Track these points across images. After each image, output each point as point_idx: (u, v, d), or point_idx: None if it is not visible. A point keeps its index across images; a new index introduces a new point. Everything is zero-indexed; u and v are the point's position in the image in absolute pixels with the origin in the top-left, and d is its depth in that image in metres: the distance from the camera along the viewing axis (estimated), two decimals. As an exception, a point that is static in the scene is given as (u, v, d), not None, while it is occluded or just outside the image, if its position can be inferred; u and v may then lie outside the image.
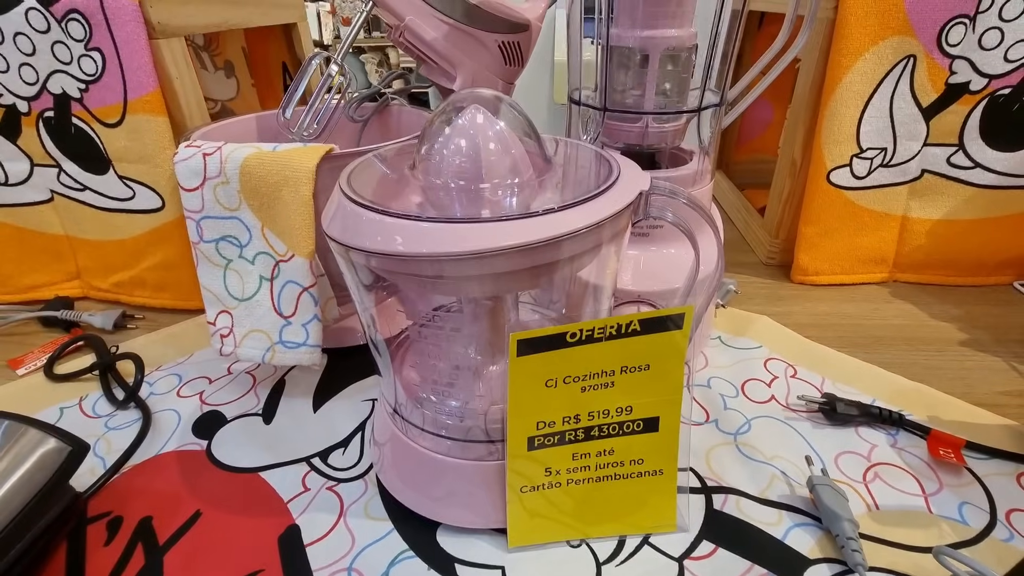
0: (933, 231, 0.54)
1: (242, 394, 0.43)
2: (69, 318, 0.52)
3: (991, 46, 0.46)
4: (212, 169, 0.37)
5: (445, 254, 0.23)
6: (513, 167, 0.27)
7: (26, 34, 0.45)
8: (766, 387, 0.42)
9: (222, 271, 0.39)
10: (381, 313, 0.32)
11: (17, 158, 0.51)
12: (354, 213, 0.25)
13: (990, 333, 0.48)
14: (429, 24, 0.44)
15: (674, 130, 0.41)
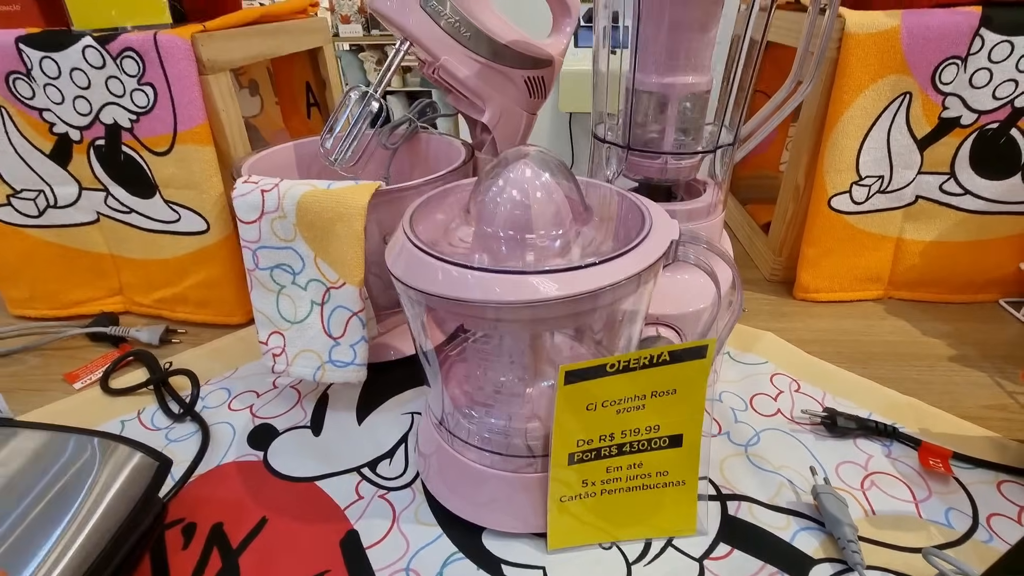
0: (926, 252, 0.58)
1: (289, 408, 0.46)
2: (117, 333, 0.55)
3: (981, 85, 0.50)
4: (270, 204, 0.40)
5: (497, 302, 0.26)
6: (557, 219, 0.30)
7: (82, 69, 0.48)
8: (772, 401, 0.46)
9: (275, 296, 0.43)
10: (432, 327, 0.36)
11: (66, 182, 0.54)
12: (417, 257, 0.29)
13: (977, 349, 0.52)
14: (462, 63, 0.47)
15: (690, 166, 0.45)
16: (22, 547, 0.27)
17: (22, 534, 0.27)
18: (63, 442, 0.32)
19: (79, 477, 0.30)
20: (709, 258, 0.30)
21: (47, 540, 0.27)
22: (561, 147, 1.67)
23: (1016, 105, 0.51)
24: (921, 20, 0.48)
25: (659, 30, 0.39)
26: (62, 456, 0.31)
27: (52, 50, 0.47)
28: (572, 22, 0.53)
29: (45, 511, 0.28)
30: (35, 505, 0.29)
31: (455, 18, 0.46)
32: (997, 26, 0.48)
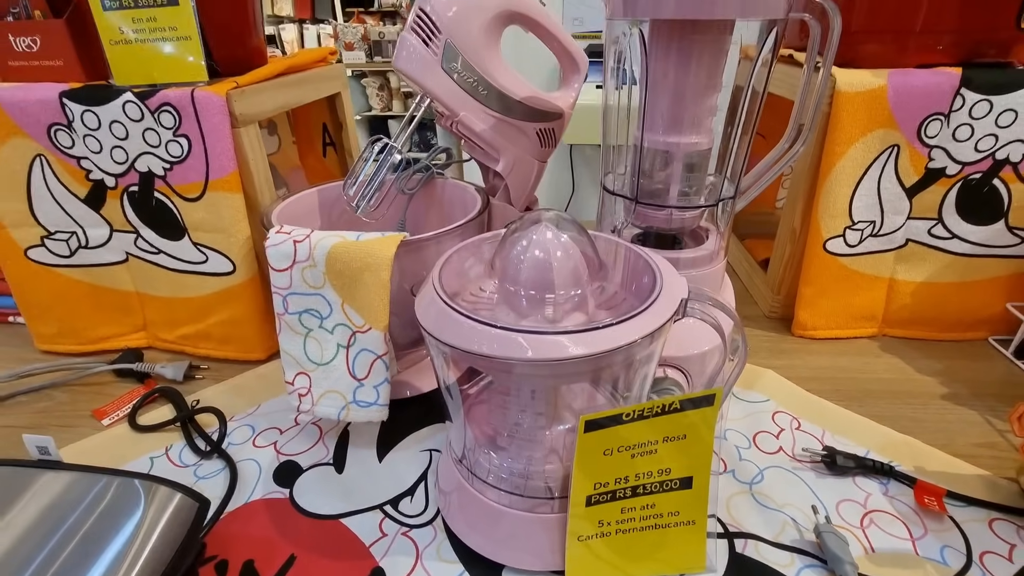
0: (917, 292, 0.61)
1: (312, 444, 0.48)
2: (143, 370, 0.57)
3: (963, 139, 0.54)
4: (302, 254, 0.42)
5: (522, 359, 0.29)
6: (575, 277, 0.33)
7: (121, 122, 0.51)
8: (775, 439, 0.48)
9: (303, 338, 0.45)
10: (455, 366, 0.38)
11: (99, 224, 0.57)
12: (447, 314, 0.31)
13: (968, 387, 0.55)
14: (479, 118, 0.51)
15: (694, 216, 0.48)
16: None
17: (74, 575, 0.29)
18: (109, 485, 0.34)
19: (126, 520, 0.32)
20: (714, 314, 0.33)
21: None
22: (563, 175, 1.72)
23: (997, 157, 0.54)
24: (906, 80, 0.52)
25: (664, 96, 0.42)
26: (109, 499, 0.33)
27: (94, 104, 0.50)
28: (580, 78, 0.56)
29: (95, 553, 0.30)
30: (86, 546, 0.30)
31: (472, 78, 0.49)
32: (976, 86, 0.51)
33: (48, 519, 0.32)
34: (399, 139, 0.52)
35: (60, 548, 0.31)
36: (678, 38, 0.40)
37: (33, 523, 0.32)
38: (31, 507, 0.32)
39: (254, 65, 0.60)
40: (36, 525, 0.31)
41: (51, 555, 0.30)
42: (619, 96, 0.46)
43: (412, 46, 0.48)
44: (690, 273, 0.47)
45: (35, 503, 0.33)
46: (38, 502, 0.33)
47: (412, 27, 0.48)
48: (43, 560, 0.30)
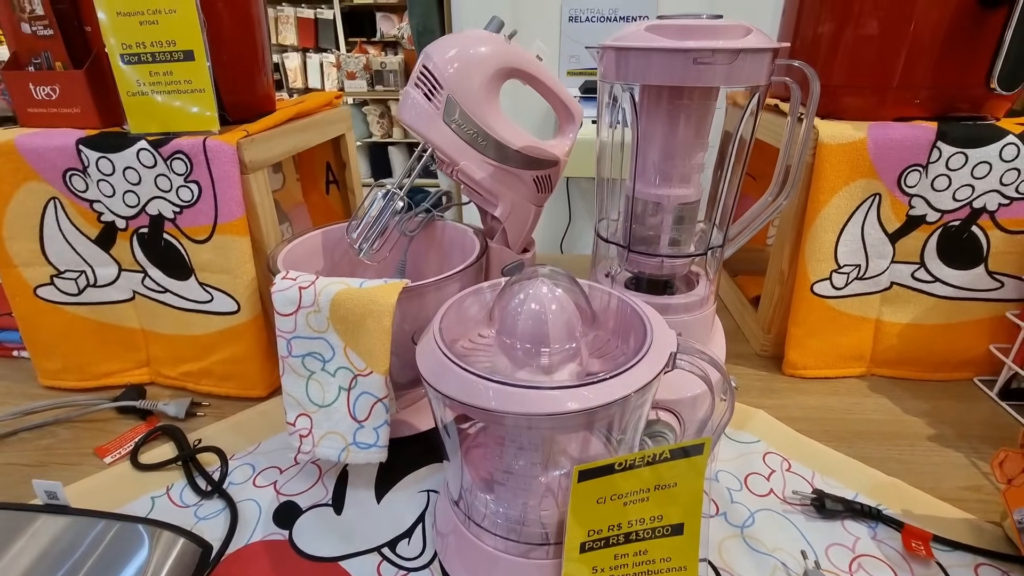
0: (903, 333, 0.62)
1: (311, 485, 0.49)
2: (145, 407, 0.58)
3: (941, 188, 0.56)
4: (307, 300, 0.44)
5: (518, 413, 0.30)
6: (569, 330, 0.34)
7: (135, 168, 0.53)
8: (765, 480, 0.49)
9: (305, 381, 0.46)
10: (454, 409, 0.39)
11: (108, 264, 0.59)
12: (445, 364, 0.33)
13: (954, 428, 0.56)
14: (478, 167, 0.53)
15: (684, 263, 0.49)
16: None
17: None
18: (115, 529, 0.35)
19: (132, 565, 0.33)
20: (703, 367, 0.34)
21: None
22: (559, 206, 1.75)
23: (974, 206, 0.56)
24: (885, 133, 0.55)
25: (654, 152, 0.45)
26: (115, 544, 0.34)
27: (109, 151, 0.53)
28: (575, 127, 0.59)
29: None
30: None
31: (472, 129, 0.52)
32: (951, 140, 0.54)
33: (55, 563, 0.32)
34: (403, 188, 0.54)
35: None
36: (666, 101, 0.42)
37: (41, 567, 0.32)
38: (39, 551, 0.33)
39: (262, 110, 0.63)
40: (44, 569, 0.32)
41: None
42: (612, 135, 0.48)
43: (415, 100, 0.50)
44: (681, 318, 0.48)
45: (42, 547, 0.33)
46: (45, 546, 0.33)
47: (416, 82, 0.50)
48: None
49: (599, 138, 0.50)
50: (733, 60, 0.38)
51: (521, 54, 0.53)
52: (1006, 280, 0.59)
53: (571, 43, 1.63)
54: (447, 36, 0.51)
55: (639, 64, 0.40)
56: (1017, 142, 0.53)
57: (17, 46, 0.56)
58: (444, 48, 0.50)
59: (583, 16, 1.47)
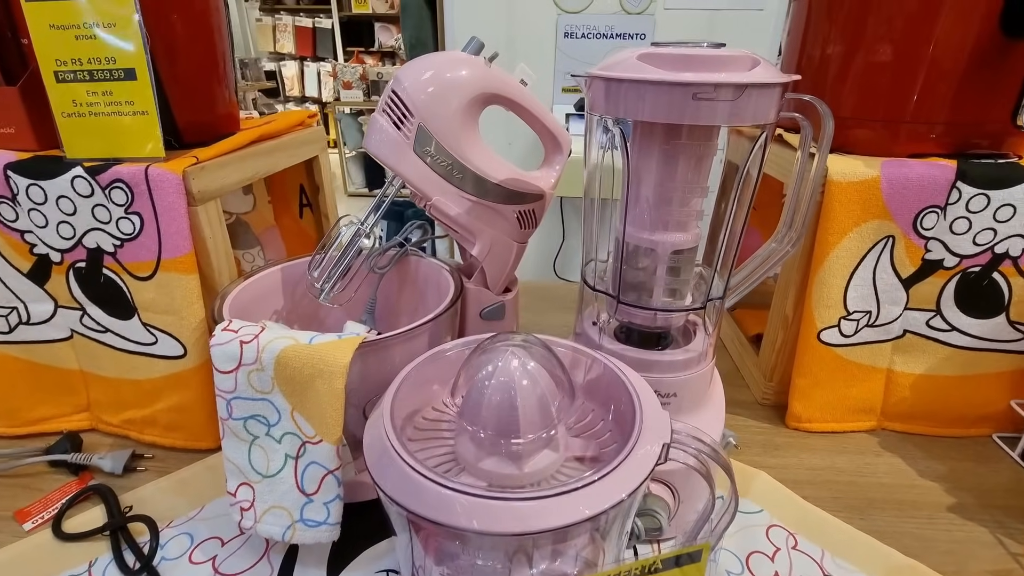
0: (916, 385, 0.57)
1: (255, 561, 0.43)
2: (78, 461, 0.52)
3: (961, 232, 0.51)
4: (248, 356, 0.38)
5: (485, 532, 0.25)
6: (543, 416, 0.29)
7: (69, 197, 0.47)
8: (770, 561, 0.44)
9: (247, 446, 0.41)
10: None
11: (42, 300, 0.53)
12: (391, 458, 0.27)
13: (975, 496, 0.51)
14: (453, 201, 0.48)
15: (679, 316, 0.44)
16: None
17: None
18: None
19: None
20: (705, 462, 0.29)
21: None
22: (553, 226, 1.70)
23: (996, 251, 0.52)
24: (900, 171, 0.50)
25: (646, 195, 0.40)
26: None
27: (41, 178, 0.47)
28: (563, 158, 0.54)
29: None
30: None
31: (447, 161, 0.46)
32: (972, 180, 0.49)
33: None
34: (368, 222, 0.49)
35: None
36: (661, 139, 0.37)
37: None
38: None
39: (223, 131, 0.58)
40: None
41: None
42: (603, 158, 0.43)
43: (382, 128, 0.45)
44: (677, 376, 0.43)
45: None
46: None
47: (384, 108, 0.45)
48: None
49: (587, 170, 0.45)
50: (738, 96, 0.33)
51: (503, 78, 0.48)
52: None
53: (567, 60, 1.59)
54: (420, 58, 0.46)
55: (631, 97, 0.35)
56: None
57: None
58: (416, 71, 0.45)
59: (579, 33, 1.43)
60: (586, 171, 0.45)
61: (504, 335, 0.31)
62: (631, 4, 1.37)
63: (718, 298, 0.43)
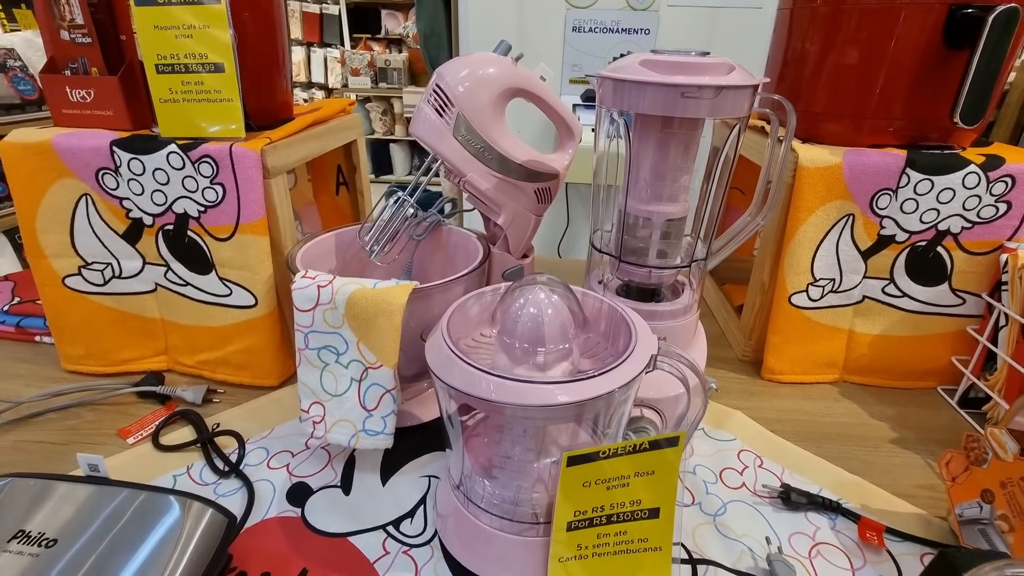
0: (873, 343, 0.67)
1: (321, 467, 0.53)
2: (164, 392, 0.62)
3: (910, 211, 0.61)
4: (324, 297, 0.48)
5: (512, 404, 0.34)
6: (563, 332, 0.39)
7: (164, 169, 0.57)
8: (739, 475, 0.54)
9: (320, 372, 0.50)
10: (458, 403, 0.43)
11: (133, 257, 0.62)
12: (451, 359, 0.37)
13: (916, 433, 0.61)
14: (484, 178, 0.57)
15: (671, 273, 0.54)
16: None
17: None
18: (151, 499, 0.39)
19: (167, 530, 0.37)
20: (681, 369, 0.39)
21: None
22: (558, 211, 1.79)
23: (939, 228, 0.61)
24: (859, 159, 0.59)
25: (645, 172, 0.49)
26: (151, 511, 0.38)
27: (141, 153, 0.56)
28: (575, 143, 0.63)
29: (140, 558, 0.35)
30: (132, 552, 0.35)
31: (479, 144, 0.56)
32: (919, 167, 0.59)
33: (97, 527, 0.36)
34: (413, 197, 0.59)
35: (109, 552, 0.35)
36: (657, 128, 0.47)
37: (84, 527, 0.36)
38: (82, 515, 0.37)
39: (282, 117, 0.67)
40: (88, 533, 0.36)
41: (101, 559, 0.35)
42: (608, 146, 0.52)
43: (427, 116, 0.54)
44: (667, 324, 0.53)
45: (86, 512, 0.37)
46: (89, 511, 0.37)
47: (428, 99, 0.54)
48: (93, 562, 0.35)
49: (596, 153, 0.54)
50: (717, 95, 0.42)
51: (526, 75, 0.57)
52: (967, 297, 0.64)
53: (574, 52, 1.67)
54: (459, 58, 0.55)
55: (633, 95, 0.44)
56: (978, 171, 0.58)
57: (55, 51, 0.60)
58: (456, 69, 0.54)
59: (586, 27, 1.51)
60: (595, 156, 0.54)
61: (532, 276, 0.40)
62: (636, 1, 1.45)
63: (702, 259, 0.53)
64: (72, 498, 0.38)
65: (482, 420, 0.47)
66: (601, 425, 0.43)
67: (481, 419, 0.47)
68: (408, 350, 0.50)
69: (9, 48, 1.88)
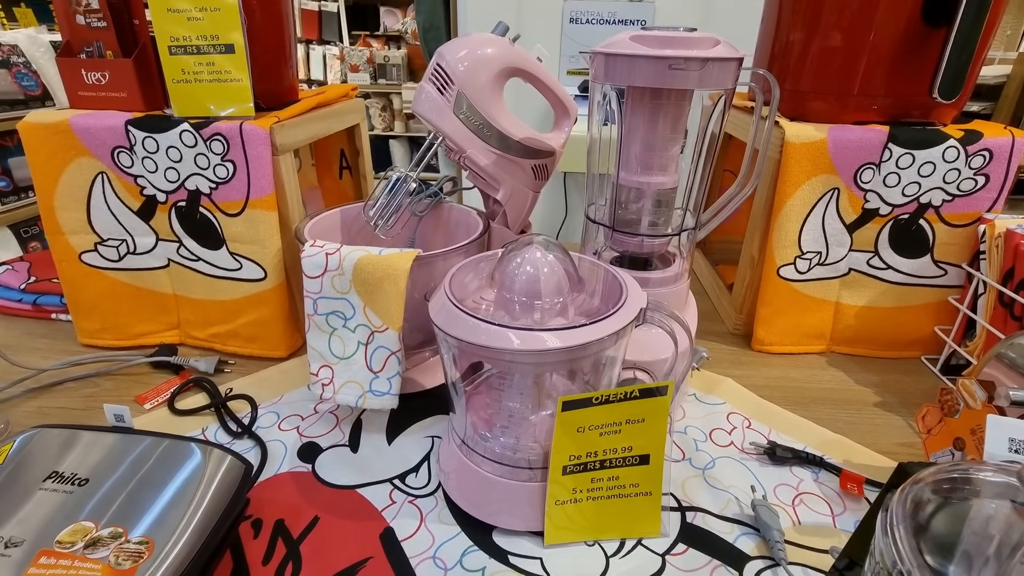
0: (859, 314, 0.70)
1: (330, 429, 0.56)
2: (178, 362, 0.64)
3: (892, 185, 0.63)
4: (332, 264, 0.51)
5: (513, 350, 0.37)
6: (558, 288, 0.41)
7: (177, 147, 0.59)
8: (727, 435, 0.56)
9: (328, 336, 0.53)
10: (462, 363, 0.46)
11: (147, 234, 0.65)
12: (455, 314, 0.40)
13: (898, 397, 0.63)
14: (483, 155, 0.60)
15: (662, 243, 0.56)
16: (163, 520, 0.36)
17: (161, 512, 0.36)
18: (174, 446, 0.41)
19: (190, 473, 0.40)
20: (669, 323, 0.41)
21: (181, 518, 0.36)
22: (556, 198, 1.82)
23: (921, 201, 0.64)
24: (843, 135, 0.62)
25: (636, 143, 0.52)
26: (175, 456, 0.41)
27: (155, 132, 0.59)
28: (570, 122, 0.65)
29: (175, 497, 0.38)
30: (165, 490, 0.38)
31: (479, 121, 0.58)
32: (901, 142, 0.61)
33: (125, 469, 0.39)
34: (414, 171, 0.61)
35: (138, 490, 0.38)
36: (648, 100, 0.49)
37: (113, 471, 0.39)
38: (111, 459, 0.40)
39: (288, 99, 0.69)
40: (117, 473, 0.39)
41: (131, 496, 0.38)
42: (602, 132, 0.55)
43: (429, 93, 0.57)
44: (658, 291, 0.55)
45: (114, 456, 0.40)
46: (117, 456, 0.40)
47: (430, 78, 0.57)
48: (124, 499, 0.37)
49: (589, 133, 0.56)
50: (703, 67, 0.45)
51: (523, 55, 0.59)
52: (949, 268, 0.66)
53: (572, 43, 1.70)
54: (459, 38, 0.58)
55: (624, 68, 0.47)
56: (957, 145, 0.61)
57: (71, 36, 0.62)
58: (456, 49, 0.56)
59: (583, 19, 1.53)
60: (589, 135, 0.57)
61: (529, 236, 0.43)
62: (632, -8, 1.47)
63: (691, 228, 0.55)
64: (100, 444, 0.41)
65: (483, 382, 0.50)
66: (593, 382, 0.46)
67: (483, 381, 0.50)
68: (411, 319, 0.52)
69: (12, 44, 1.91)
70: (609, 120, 0.53)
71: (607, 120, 0.54)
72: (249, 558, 0.42)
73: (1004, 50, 1.92)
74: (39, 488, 0.37)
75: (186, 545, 0.35)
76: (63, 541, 0.34)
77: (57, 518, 0.35)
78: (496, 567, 0.42)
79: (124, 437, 0.42)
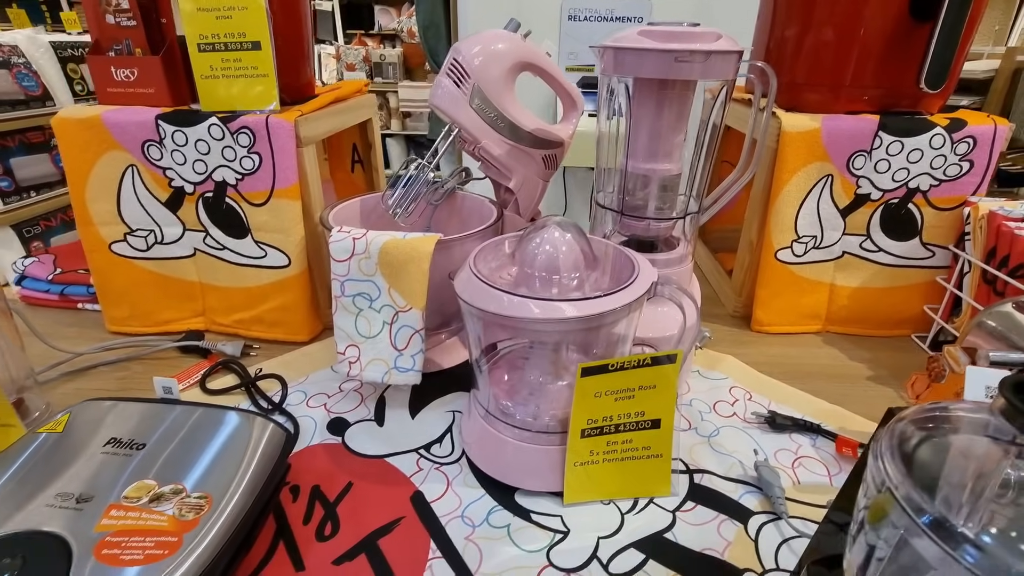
0: (853, 295, 0.73)
1: (356, 405, 0.59)
2: (206, 346, 0.67)
3: (883, 171, 0.67)
4: (359, 248, 0.54)
5: (531, 319, 0.40)
6: (575, 265, 0.45)
7: (205, 140, 0.62)
8: (730, 406, 0.60)
9: (354, 317, 0.56)
10: (485, 338, 0.49)
11: (174, 224, 0.68)
12: (480, 287, 0.43)
13: (890, 371, 0.67)
14: (496, 145, 0.63)
15: (667, 226, 0.60)
16: (217, 480, 0.39)
17: (216, 472, 0.40)
18: (220, 415, 0.45)
19: (237, 439, 0.43)
20: (678, 295, 0.45)
21: (233, 476, 0.39)
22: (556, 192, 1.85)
23: (910, 186, 0.67)
24: (836, 124, 0.65)
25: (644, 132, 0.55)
26: (222, 424, 0.44)
27: (184, 126, 0.62)
28: (578, 114, 0.69)
29: (227, 459, 0.41)
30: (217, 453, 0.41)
31: (492, 112, 0.61)
32: (891, 130, 0.65)
33: (182, 435, 0.42)
34: (433, 162, 0.64)
35: (195, 453, 0.41)
36: (654, 91, 0.52)
37: (170, 437, 0.42)
38: (163, 427, 0.43)
39: (306, 94, 0.72)
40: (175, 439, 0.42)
41: (185, 459, 0.41)
42: (610, 125, 0.58)
43: (446, 87, 0.60)
44: (663, 271, 0.58)
45: (166, 425, 0.43)
46: (168, 424, 0.43)
47: (447, 71, 0.60)
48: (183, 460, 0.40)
49: (599, 127, 0.60)
50: (706, 59, 0.48)
51: (534, 50, 0.63)
52: (936, 250, 0.70)
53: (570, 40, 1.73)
54: (474, 35, 0.61)
55: (633, 61, 0.50)
56: (943, 133, 0.64)
57: (99, 34, 0.65)
58: (471, 44, 0.60)
59: (582, 15, 1.56)
60: (598, 127, 0.60)
61: (548, 217, 0.46)
62: (630, -11, 1.50)
63: (694, 212, 0.59)
64: (152, 414, 0.44)
65: (504, 358, 0.53)
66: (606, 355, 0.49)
67: (503, 357, 0.53)
68: (430, 302, 0.56)
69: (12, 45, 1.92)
70: (616, 113, 0.57)
71: (613, 114, 0.57)
72: (291, 518, 0.45)
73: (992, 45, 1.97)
74: (100, 452, 0.40)
75: (240, 500, 0.38)
76: (129, 496, 0.37)
77: (120, 477, 0.38)
78: (520, 524, 0.45)
79: (172, 407, 0.45)
